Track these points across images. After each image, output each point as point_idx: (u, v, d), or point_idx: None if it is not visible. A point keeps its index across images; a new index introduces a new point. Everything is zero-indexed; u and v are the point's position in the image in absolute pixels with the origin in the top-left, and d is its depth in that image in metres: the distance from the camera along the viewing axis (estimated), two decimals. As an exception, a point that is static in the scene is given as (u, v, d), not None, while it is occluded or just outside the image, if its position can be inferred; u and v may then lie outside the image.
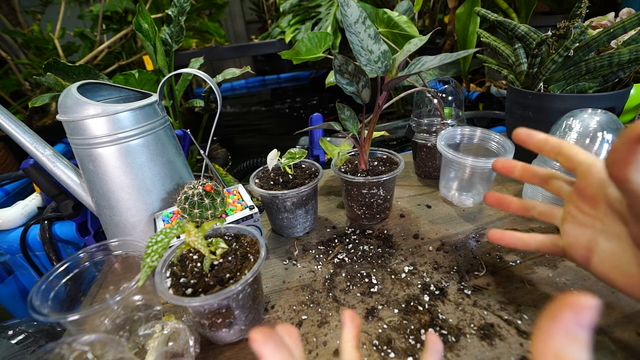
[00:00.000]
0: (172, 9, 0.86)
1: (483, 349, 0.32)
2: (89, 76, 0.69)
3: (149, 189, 0.46)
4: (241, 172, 1.12)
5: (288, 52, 0.53)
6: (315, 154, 0.96)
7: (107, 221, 0.47)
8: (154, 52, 0.86)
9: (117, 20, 1.83)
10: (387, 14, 0.63)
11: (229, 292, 0.29)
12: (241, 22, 3.57)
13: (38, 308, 0.30)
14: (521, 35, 0.58)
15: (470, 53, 0.35)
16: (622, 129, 0.43)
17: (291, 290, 0.41)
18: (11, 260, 0.75)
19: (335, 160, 0.52)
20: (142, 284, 0.28)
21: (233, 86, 3.04)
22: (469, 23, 1.22)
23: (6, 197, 0.90)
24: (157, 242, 0.29)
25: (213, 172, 0.52)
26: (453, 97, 0.61)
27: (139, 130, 0.44)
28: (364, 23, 0.40)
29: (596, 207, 0.27)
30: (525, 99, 0.58)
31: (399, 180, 0.66)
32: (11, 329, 0.52)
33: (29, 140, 0.45)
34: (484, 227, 0.49)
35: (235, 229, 0.39)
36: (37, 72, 1.66)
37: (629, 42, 0.51)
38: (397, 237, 0.49)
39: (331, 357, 0.32)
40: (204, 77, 0.46)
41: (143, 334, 0.32)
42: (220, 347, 0.35)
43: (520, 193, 0.56)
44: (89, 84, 0.46)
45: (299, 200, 0.48)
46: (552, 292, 0.37)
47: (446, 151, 0.51)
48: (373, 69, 0.42)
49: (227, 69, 0.81)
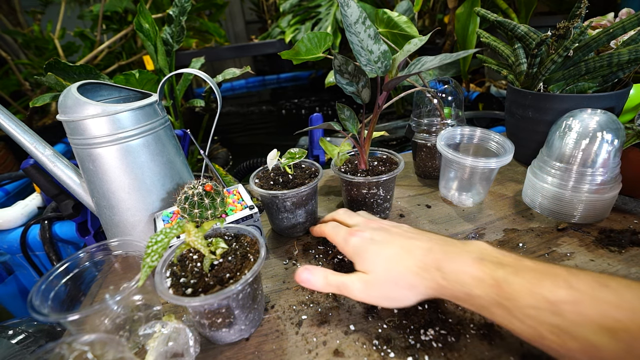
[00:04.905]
0: (173, 9, 0.86)
1: (483, 349, 0.32)
2: (90, 76, 0.69)
3: (149, 189, 0.46)
4: (241, 172, 1.12)
5: (288, 52, 0.53)
6: (315, 154, 0.96)
7: (107, 221, 0.47)
8: (155, 52, 0.86)
9: (117, 20, 1.83)
10: (387, 14, 0.62)
11: (229, 292, 0.29)
12: (241, 22, 3.57)
13: (38, 308, 0.30)
14: (521, 36, 0.58)
15: (470, 53, 0.35)
16: (622, 129, 0.43)
17: (291, 290, 0.41)
18: (11, 260, 0.75)
19: (335, 160, 0.52)
20: (142, 284, 0.28)
21: (233, 86, 3.04)
22: (469, 23, 1.22)
23: (6, 197, 0.90)
24: (157, 242, 0.29)
25: (213, 172, 0.52)
26: (453, 97, 0.61)
27: (139, 130, 0.44)
28: (364, 23, 0.40)
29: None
30: (525, 99, 0.58)
31: (398, 180, 0.66)
32: (11, 328, 0.52)
33: (29, 140, 0.45)
34: (484, 227, 0.49)
35: (235, 228, 0.39)
36: (37, 72, 1.66)
37: (629, 43, 0.51)
38: (397, 237, 0.49)
39: (331, 357, 0.32)
40: (204, 77, 0.46)
41: (143, 334, 0.32)
42: (220, 347, 0.35)
43: (520, 193, 0.56)
44: (89, 84, 0.46)
45: (299, 200, 0.48)
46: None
47: (446, 151, 0.51)
48: (373, 69, 0.42)
49: (227, 69, 0.81)
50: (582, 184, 0.45)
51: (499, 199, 0.56)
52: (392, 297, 0.31)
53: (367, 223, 0.37)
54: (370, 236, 0.34)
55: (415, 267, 0.30)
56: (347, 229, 0.37)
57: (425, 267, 0.30)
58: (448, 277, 0.29)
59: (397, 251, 0.32)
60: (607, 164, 0.44)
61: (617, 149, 0.43)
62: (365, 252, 0.33)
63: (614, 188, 0.45)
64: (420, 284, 0.30)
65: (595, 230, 0.46)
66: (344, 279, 0.33)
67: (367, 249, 0.33)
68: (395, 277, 0.31)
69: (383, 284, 0.31)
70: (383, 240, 0.34)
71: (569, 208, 0.47)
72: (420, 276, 0.30)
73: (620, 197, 0.52)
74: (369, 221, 0.38)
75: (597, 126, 0.43)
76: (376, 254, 0.33)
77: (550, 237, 0.46)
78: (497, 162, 0.48)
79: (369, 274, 0.32)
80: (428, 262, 0.30)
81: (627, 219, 0.47)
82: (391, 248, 0.33)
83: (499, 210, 0.53)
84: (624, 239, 0.43)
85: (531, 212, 0.52)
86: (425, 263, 0.30)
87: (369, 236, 0.34)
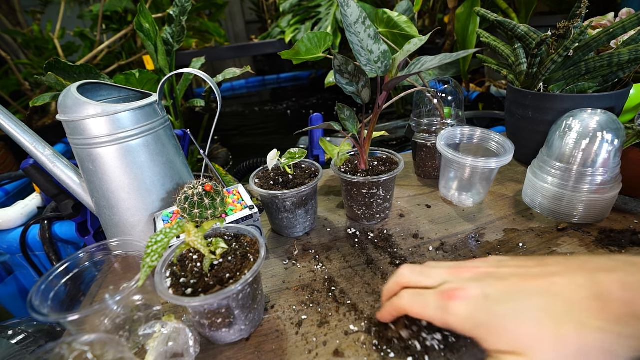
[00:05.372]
0: (173, 9, 0.86)
1: (483, 349, 0.32)
2: (90, 76, 0.69)
3: (149, 189, 0.46)
4: (241, 172, 1.12)
5: (288, 52, 0.53)
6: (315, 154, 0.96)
7: (107, 221, 0.47)
8: (155, 52, 0.86)
9: (117, 20, 1.83)
10: (387, 14, 0.62)
11: (229, 292, 0.29)
12: (241, 22, 3.57)
13: (38, 308, 0.30)
14: (521, 35, 0.58)
15: (470, 53, 0.35)
16: (622, 129, 0.43)
17: (291, 290, 0.41)
18: (11, 260, 0.75)
19: (335, 160, 0.52)
20: (142, 284, 0.28)
21: (233, 86, 3.04)
22: (469, 23, 1.22)
23: (6, 197, 0.90)
24: (157, 242, 0.29)
25: (213, 172, 0.52)
26: (453, 97, 0.61)
27: (139, 130, 0.44)
28: (364, 23, 0.40)
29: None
30: (525, 99, 0.58)
31: (398, 180, 0.66)
32: (11, 329, 0.52)
33: (29, 140, 0.45)
34: (484, 227, 0.49)
35: (235, 228, 0.39)
36: (37, 72, 1.66)
37: (629, 42, 0.51)
38: (397, 237, 0.49)
39: (331, 357, 0.32)
40: (204, 77, 0.46)
41: (143, 334, 0.32)
42: (220, 347, 0.35)
43: (520, 193, 0.56)
44: (89, 84, 0.46)
45: (299, 200, 0.48)
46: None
47: (446, 151, 0.51)
48: (373, 69, 0.42)
49: (227, 69, 0.81)
50: (582, 184, 0.45)
51: (499, 199, 0.56)
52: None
53: (455, 273, 0.27)
54: (481, 292, 0.23)
55: (597, 321, 0.20)
56: (435, 292, 0.26)
57: (614, 318, 0.19)
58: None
59: (546, 303, 0.21)
60: (607, 164, 0.44)
61: (617, 149, 0.43)
62: (494, 319, 0.22)
63: (614, 188, 0.45)
64: (618, 346, 0.19)
65: (596, 230, 0.46)
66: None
67: (494, 315, 0.22)
68: (573, 347, 0.19)
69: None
70: (506, 293, 0.23)
71: (569, 208, 0.47)
72: (613, 333, 0.19)
73: (621, 197, 0.52)
74: (456, 270, 0.27)
75: (597, 126, 0.43)
76: (515, 317, 0.21)
77: (551, 237, 0.46)
78: (497, 162, 0.48)
79: (526, 356, 0.20)
80: (614, 308, 0.20)
81: (627, 219, 0.47)
82: (531, 301, 0.22)
83: (499, 210, 0.53)
84: (624, 239, 0.43)
85: (531, 212, 0.52)
86: (610, 311, 0.20)
87: (478, 293, 0.24)
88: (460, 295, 0.24)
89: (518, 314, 0.21)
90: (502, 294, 0.23)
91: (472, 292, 0.24)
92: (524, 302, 0.21)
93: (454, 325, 0.24)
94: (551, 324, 0.20)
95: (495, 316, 0.22)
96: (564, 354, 0.19)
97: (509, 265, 0.25)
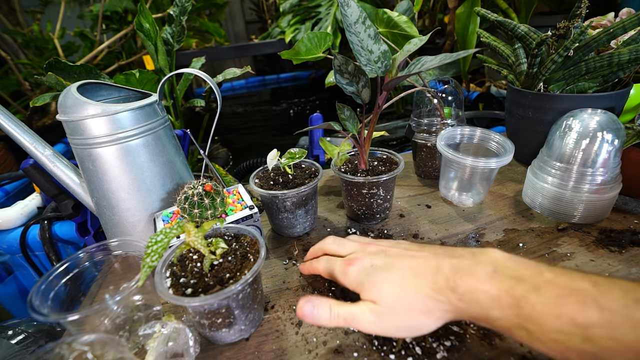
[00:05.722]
0: (173, 9, 0.86)
1: (483, 349, 0.32)
2: (90, 76, 0.69)
3: (149, 189, 0.46)
4: (241, 172, 1.12)
5: (288, 52, 0.53)
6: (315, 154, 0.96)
7: (107, 221, 0.47)
8: (155, 52, 0.86)
9: (117, 20, 1.83)
10: (387, 14, 0.62)
11: (229, 292, 0.29)
12: (241, 22, 3.57)
13: (38, 308, 0.30)
14: (521, 35, 0.58)
15: (470, 53, 0.35)
16: (622, 129, 0.43)
17: (291, 290, 0.41)
18: (11, 260, 0.75)
19: (335, 160, 0.52)
20: (142, 284, 0.28)
21: (233, 86, 3.04)
22: (469, 23, 1.22)
23: (6, 197, 0.90)
24: (157, 242, 0.29)
25: (213, 172, 0.52)
26: (453, 97, 0.61)
27: (139, 130, 0.44)
28: (364, 23, 0.40)
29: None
30: (525, 99, 0.58)
31: (398, 180, 0.66)
32: (11, 329, 0.52)
33: (29, 140, 0.45)
34: (484, 227, 0.49)
35: (235, 228, 0.39)
36: (37, 72, 1.66)
37: (629, 42, 0.51)
38: (397, 237, 0.49)
39: (331, 357, 0.32)
40: (204, 77, 0.46)
41: (143, 334, 0.32)
42: (220, 347, 0.35)
43: (520, 193, 0.56)
44: (89, 84, 0.46)
45: (299, 200, 0.48)
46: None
47: (446, 151, 0.51)
48: (373, 69, 0.42)
49: (227, 69, 0.81)
50: (583, 184, 0.45)
51: (499, 199, 0.56)
52: (407, 326, 0.28)
53: (362, 248, 0.34)
54: (370, 262, 0.31)
55: (427, 290, 0.27)
56: (341, 259, 0.33)
57: (437, 288, 0.27)
58: (464, 297, 0.26)
59: (404, 274, 0.29)
60: (608, 164, 0.44)
61: (618, 149, 0.43)
62: (369, 280, 0.30)
63: (614, 188, 0.45)
64: (435, 308, 0.27)
65: (596, 230, 0.46)
66: (352, 310, 0.29)
67: (370, 277, 0.30)
68: (407, 304, 0.28)
69: (396, 313, 0.28)
70: (385, 265, 0.31)
71: (569, 208, 0.47)
72: (434, 299, 0.27)
73: (621, 197, 0.52)
74: (364, 245, 0.35)
75: (598, 126, 0.43)
76: (381, 280, 0.30)
77: (551, 237, 0.46)
78: (497, 162, 0.48)
79: (378, 304, 0.29)
80: (440, 282, 0.27)
81: (628, 219, 0.47)
82: (396, 272, 0.30)
83: (499, 210, 0.53)
84: (624, 239, 0.43)
85: (531, 212, 0.52)
86: (437, 284, 0.27)
87: (368, 263, 0.31)
88: (356, 263, 0.32)
89: (384, 279, 0.30)
90: (383, 265, 0.31)
91: (365, 262, 0.32)
92: (392, 272, 0.30)
93: (347, 283, 0.32)
94: (399, 288, 0.29)
95: (370, 279, 0.30)
96: (401, 307, 0.28)
97: (399, 247, 0.33)
